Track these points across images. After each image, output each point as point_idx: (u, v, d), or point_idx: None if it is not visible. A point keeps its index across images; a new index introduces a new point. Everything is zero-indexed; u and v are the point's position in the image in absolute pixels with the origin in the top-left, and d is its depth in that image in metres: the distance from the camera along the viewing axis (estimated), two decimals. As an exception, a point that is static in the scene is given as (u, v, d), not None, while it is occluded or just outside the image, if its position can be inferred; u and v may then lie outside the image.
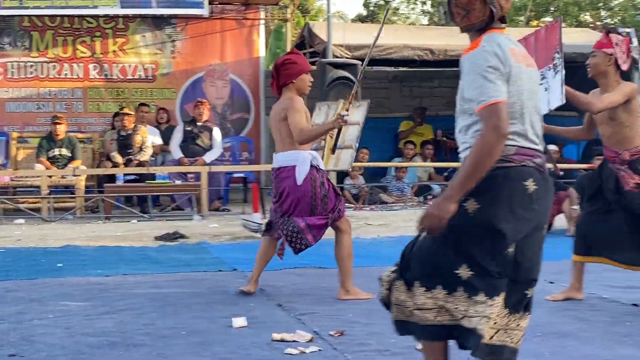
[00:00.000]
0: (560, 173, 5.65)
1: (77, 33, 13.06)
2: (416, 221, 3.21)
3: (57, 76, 13.02)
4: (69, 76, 13.04)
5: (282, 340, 4.62)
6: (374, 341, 4.65)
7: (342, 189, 11.73)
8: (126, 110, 11.56)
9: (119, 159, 10.99)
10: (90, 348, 4.47)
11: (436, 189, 12.46)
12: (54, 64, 13.00)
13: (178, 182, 10.72)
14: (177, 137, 11.30)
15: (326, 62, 10.38)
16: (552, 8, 24.42)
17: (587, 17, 25.03)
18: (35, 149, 11.50)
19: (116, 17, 13.05)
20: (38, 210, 10.37)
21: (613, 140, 5.51)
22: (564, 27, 21.70)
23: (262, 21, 13.99)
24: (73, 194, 10.73)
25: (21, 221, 10.01)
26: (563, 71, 5.43)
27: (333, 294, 5.85)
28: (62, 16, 12.78)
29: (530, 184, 3.17)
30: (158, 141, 11.79)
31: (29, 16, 12.69)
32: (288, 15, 14.69)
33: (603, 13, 25.25)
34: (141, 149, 11.06)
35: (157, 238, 8.56)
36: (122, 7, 12.39)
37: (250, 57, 13.65)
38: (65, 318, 5.17)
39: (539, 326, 5.01)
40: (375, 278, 5.78)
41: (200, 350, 4.46)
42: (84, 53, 13.08)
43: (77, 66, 13.06)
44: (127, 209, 10.54)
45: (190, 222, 9.85)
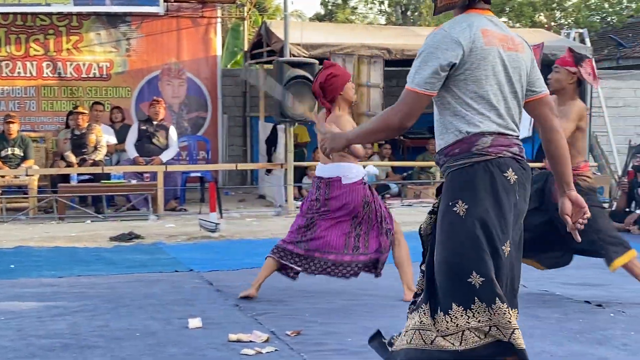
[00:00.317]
0: None
1: (30, 31, 12.88)
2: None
3: (10, 74, 12.82)
4: (22, 74, 12.85)
5: (239, 340, 4.60)
6: (331, 341, 4.65)
7: (301, 188, 11.73)
8: (80, 109, 11.40)
9: (73, 159, 10.85)
10: (42, 350, 4.41)
11: (394, 188, 12.50)
12: (7, 62, 12.80)
13: (133, 182, 10.62)
14: (132, 136, 11.19)
15: (283, 61, 10.33)
16: (507, 8, 24.63)
17: (542, 18, 25.30)
18: (-13, 149, 11.31)
19: (70, 15, 12.88)
20: (-10, 210, 10.21)
21: None
22: (519, 28, 21.88)
23: (219, 19, 13.93)
24: (26, 194, 10.58)
25: (-27, 222, 9.85)
26: None
27: (290, 294, 5.83)
28: (15, 14, 12.59)
29: (510, 175, 3.11)
30: (112, 140, 11.67)
31: (-19, 14, 12.49)
32: (245, 13, 14.64)
33: (557, 14, 25.54)
34: (95, 148, 10.93)
35: (112, 239, 8.48)
36: (76, 5, 12.21)
37: (207, 56, 13.58)
38: (17, 320, 5.08)
39: (494, 324, 5.05)
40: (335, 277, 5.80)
41: (155, 351, 4.42)
42: (37, 51, 12.90)
43: (30, 64, 12.88)
44: (82, 209, 10.42)
45: (145, 222, 9.77)
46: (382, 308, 5.49)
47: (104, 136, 11.25)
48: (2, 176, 10.48)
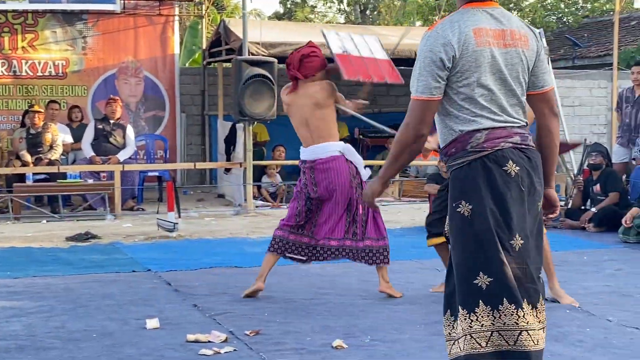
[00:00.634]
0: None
1: (-15, 29, 12.69)
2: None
3: (-36, 73, 12.64)
4: (-24, 73, 12.67)
5: (197, 341, 4.58)
6: (290, 340, 4.64)
7: (260, 187, 11.70)
8: (36, 107, 11.26)
9: (29, 158, 10.70)
10: (-3, 353, 4.34)
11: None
12: (-39, 60, 12.61)
13: (90, 181, 10.51)
14: (89, 135, 11.07)
15: (242, 60, 10.28)
16: (465, 8, 24.81)
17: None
18: (-60, 147, 11.13)
19: (25, 13, 12.70)
20: (-57, 211, 10.03)
21: None
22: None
23: (177, 17, 13.83)
24: (-20, 194, 10.42)
25: None
26: None
27: (249, 293, 5.81)
28: (-31, 11, 12.40)
29: (511, 167, 3.08)
30: (69, 139, 11.53)
31: None
32: (203, 11, 14.57)
33: (514, 13, 25.79)
34: (51, 148, 10.80)
35: (69, 239, 8.38)
36: (31, 2, 12.07)
37: (164, 54, 13.47)
38: (-30, 322, 5.00)
39: (453, 322, 5.08)
40: (292, 274, 5.80)
41: (111, 352, 4.38)
42: (-8, 49, 12.71)
43: (-15, 63, 12.70)
44: (37, 209, 10.29)
45: (102, 222, 9.68)
46: (341, 307, 5.49)
47: (60, 135, 11.12)
48: (-44, 176, 10.31)
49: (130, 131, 11.25)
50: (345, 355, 4.36)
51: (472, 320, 3.04)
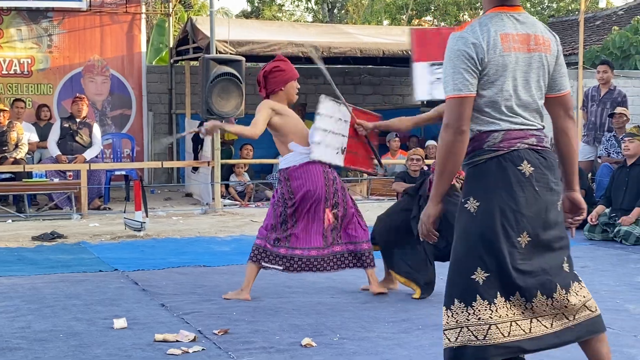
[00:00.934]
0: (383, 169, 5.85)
1: (-52, 26, 12.53)
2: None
3: None
4: (-60, 70, 12.50)
5: (165, 340, 4.55)
6: (259, 339, 4.64)
7: (228, 186, 11.67)
8: (1, 106, 11.13)
9: (-6, 157, 10.59)
10: (-39, 354, 4.29)
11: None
12: None
13: (56, 180, 10.41)
14: (55, 134, 10.96)
15: (209, 58, 10.23)
16: (432, 7, 24.93)
17: (466, 17, 25.67)
18: None
19: (-10, 10, 12.57)
20: None
21: None
22: (443, 26, 22.16)
23: (144, 15, 13.74)
24: (-56, 194, 10.29)
25: None
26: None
27: (217, 292, 5.79)
28: None
29: (525, 167, 3.16)
30: (34, 138, 11.42)
31: None
32: (170, 9, 14.48)
33: (481, 12, 25.93)
34: (17, 146, 10.68)
35: (34, 238, 8.30)
36: (-4, 0, 11.95)
37: (131, 53, 13.38)
38: None
39: (419, 318, 5.12)
40: (261, 273, 5.79)
41: (78, 353, 4.34)
42: (-44, 47, 12.55)
43: (-51, 60, 12.54)
44: (3, 209, 10.17)
45: (69, 222, 9.59)
46: (310, 305, 5.50)
47: (25, 134, 11.00)
48: None
49: (96, 130, 11.17)
50: (313, 353, 4.37)
51: (470, 313, 3.11)
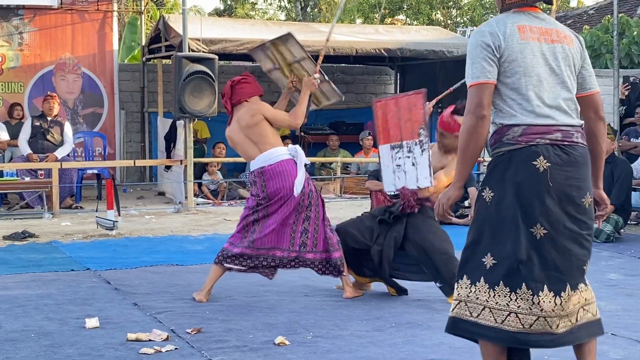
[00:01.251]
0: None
1: None
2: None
3: None
4: None
5: (138, 340, 4.53)
6: (232, 337, 4.63)
7: (201, 185, 11.63)
8: (-30, 104, 11.05)
9: (-37, 156, 10.50)
10: None
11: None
12: None
13: (27, 179, 10.32)
14: (26, 132, 10.87)
15: (182, 56, 10.20)
16: (405, 6, 25.01)
17: (439, 16, 25.78)
18: None
19: (-41, 7, 12.44)
20: None
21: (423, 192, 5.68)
22: (416, 25, 22.21)
23: (116, 13, 13.66)
24: None
25: None
26: (429, 151, 5.45)
27: (190, 291, 5.77)
28: None
29: (540, 162, 3.21)
30: (5, 137, 11.32)
31: None
32: (142, 7, 14.41)
33: (453, 12, 26.07)
34: (-13, 145, 10.61)
35: (5, 237, 8.23)
36: (-35, -3, 11.82)
37: (103, 51, 13.29)
38: None
39: (393, 316, 5.14)
40: (236, 274, 5.78)
41: (50, 353, 4.31)
42: None
43: None
44: (-27, 208, 10.09)
45: (40, 221, 9.52)
46: (283, 304, 5.50)
47: (-4, 132, 10.92)
48: None
49: (68, 128, 11.09)
50: (287, 351, 4.37)
51: (472, 291, 3.28)
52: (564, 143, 3.26)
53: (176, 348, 4.41)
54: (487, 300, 3.25)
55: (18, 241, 8.11)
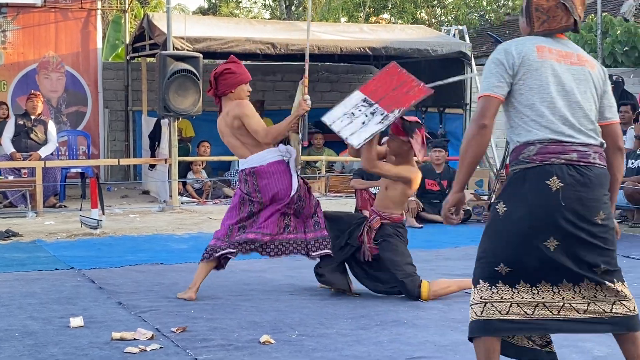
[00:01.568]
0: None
1: None
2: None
3: None
4: None
5: (122, 339, 4.52)
6: (217, 336, 4.62)
7: (185, 184, 11.61)
8: (-47, 103, 10.98)
9: (-54, 154, 10.43)
10: None
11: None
12: None
13: (10, 178, 10.28)
14: (9, 131, 10.82)
15: (166, 55, 10.18)
16: (390, 5, 25.03)
17: (423, 15, 25.81)
18: None
19: (-59, 5, 12.36)
20: None
21: (379, 202, 5.80)
22: (400, 24, 22.22)
23: (99, 11, 13.61)
24: None
25: None
26: (383, 128, 5.46)
27: (175, 290, 5.76)
28: None
29: (554, 182, 3.26)
30: (-12, 135, 11.27)
31: None
32: (126, 5, 14.36)
33: (438, 11, 26.11)
34: (-30, 144, 10.54)
35: (-12, 237, 8.19)
36: (-52, -5, 11.75)
37: (86, 49, 13.24)
38: None
39: (378, 314, 5.14)
40: (221, 272, 5.77)
41: (34, 352, 4.29)
42: None
43: None
44: (-44, 207, 10.03)
45: (24, 220, 9.47)
46: (268, 302, 5.49)
47: (-21, 131, 10.85)
48: None
49: (51, 127, 11.04)
50: (272, 350, 4.36)
51: (493, 292, 3.36)
52: (580, 163, 3.30)
53: (161, 347, 4.39)
54: (512, 297, 3.35)
55: (1, 240, 8.07)
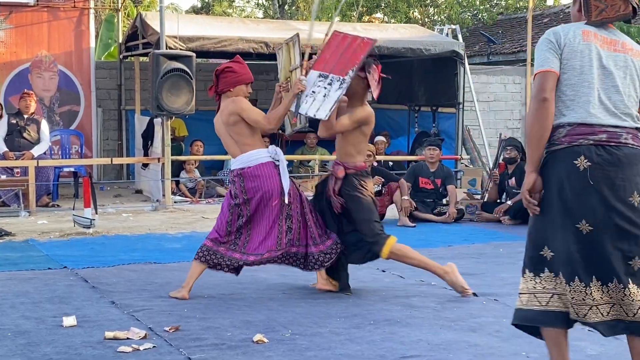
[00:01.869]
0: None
1: None
2: None
3: None
4: None
5: (115, 338, 4.51)
6: (210, 335, 4.62)
7: (178, 182, 11.60)
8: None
9: (-62, 154, 10.39)
10: None
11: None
12: None
13: (3, 177, 10.25)
14: (2, 130, 10.78)
15: (159, 54, 10.17)
16: (383, 4, 25.03)
17: (416, 14, 25.82)
18: None
19: None
20: None
21: (339, 152, 5.78)
22: (393, 23, 22.22)
23: (92, 10, 13.57)
24: None
25: None
26: (343, 92, 5.46)
27: (168, 289, 5.75)
28: None
29: (581, 162, 3.36)
30: (-20, 135, 11.24)
31: None
32: (119, 4, 14.34)
33: (431, 10, 26.12)
34: (-38, 143, 10.51)
35: (-19, 236, 8.17)
36: (-60, -7, 11.71)
37: (79, 48, 13.21)
38: None
39: (371, 313, 5.14)
40: (214, 272, 5.76)
41: (27, 351, 4.28)
42: None
43: None
44: (-52, 206, 10.00)
45: (17, 219, 9.45)
46: (261, 301, 5.49)
47: (-29, 130, 10.82)
48: None
49: (44, 126, 11.01)
50: (266, 349, 4.36)
51: (537, 282, 3.47)
52: (610, 143, 3.39)
53: (154, 346, 4.39)
54: (555, 287, 3.44)
55: (-6, 240, 8.05)
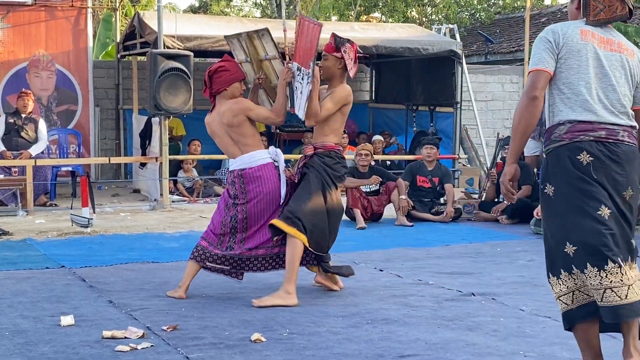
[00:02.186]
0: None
1: None
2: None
3: None
4: None
5: (113, 337, 4.51)
6: (208, 334, 4.62)
7: (176, 182, 11.59)
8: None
9: (-64, 153, 10.39)
10: None
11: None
12: None
13: (1, 177, 10.24)
14: (-1, 130, 10.81)
15: (157, 53, 10.16)
16: (380, 3, 25.03)
17: (414, 14, 25.83)
18: None
19: None
20: None
21: (315, 132, 5.76)
22: (391, 22, 22.21)
23: (90, 10, 13.57)
24: None
25: None
26: (310, 86, 5.46)
27: (165, 288, 5.76)
28: None
29: (584, 157, 3.50)
30: (-21, 134, 11.23)
31: None
32: (117, 4, 14.33)
33: (429, 9, 26.13)
34: (-40, 142, 10.50)
35: (-21, 235, 8.16)
36: (-62, -7, 11.70)
37: (77, 47, 13.20)
38: None
39: (369, 312, 5.15)
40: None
41: (25, 351, 4.29)
42: None
43: None
44: (-55, 206, 9.99)
45: (14, 218, 9.45)
46: (259, 301, 5.49)
47: (-31, 130, 10.81)
48: None
49: (42, 125, 11.01)
50: (263, 348, 4.37)
51: (574, 279, 3.54)
52: (608, 140, 3.52)
53: (152, 345, 4.39)
54: (575, 283, 3.53)
55: (-8, 239, 8.05)
